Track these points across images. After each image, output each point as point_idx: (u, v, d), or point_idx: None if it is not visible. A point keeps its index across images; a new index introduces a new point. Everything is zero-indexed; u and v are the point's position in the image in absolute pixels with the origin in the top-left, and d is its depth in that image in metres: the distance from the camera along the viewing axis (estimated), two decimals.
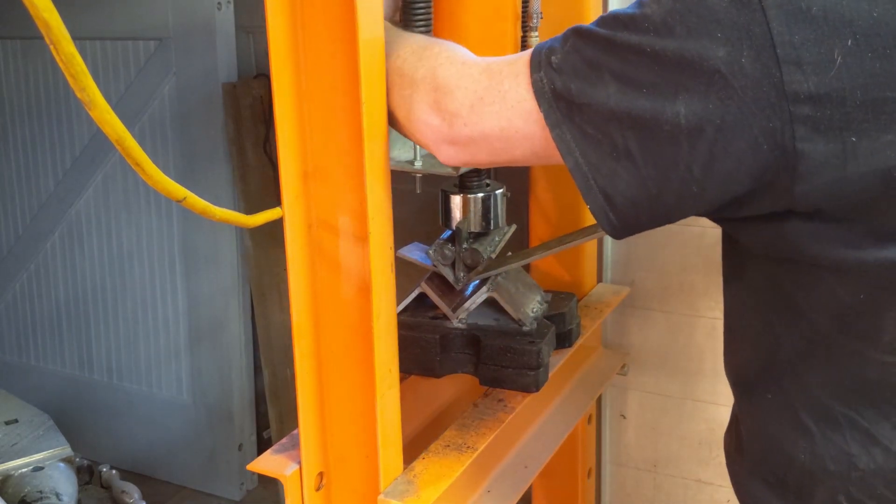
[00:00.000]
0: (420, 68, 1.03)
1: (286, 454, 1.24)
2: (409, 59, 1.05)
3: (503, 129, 0.94)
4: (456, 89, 0.97)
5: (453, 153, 1.01)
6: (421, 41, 1.08)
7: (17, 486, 2.07)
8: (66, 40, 0.71)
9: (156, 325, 2.90)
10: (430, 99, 1.00)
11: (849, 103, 0.74)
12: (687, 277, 1.92)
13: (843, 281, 0.82)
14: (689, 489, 2.01)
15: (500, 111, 0.93)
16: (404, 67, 1.05)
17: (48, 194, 3.02)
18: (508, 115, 0.92)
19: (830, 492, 0.90)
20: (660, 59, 0.79)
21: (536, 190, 1.85)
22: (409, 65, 1.04)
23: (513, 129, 0.93)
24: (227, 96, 2.60)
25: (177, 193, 0.86)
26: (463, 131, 0.97)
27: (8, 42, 2.97)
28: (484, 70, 0.96)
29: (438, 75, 1.00)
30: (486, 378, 1.44)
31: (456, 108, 0.97)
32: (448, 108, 0.98)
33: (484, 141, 0.96)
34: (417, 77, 1.02)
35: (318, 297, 1.17)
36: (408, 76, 1.04)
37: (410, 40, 1.09)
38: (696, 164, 0.80)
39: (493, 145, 0.96)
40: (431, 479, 1.22)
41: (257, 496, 2.90)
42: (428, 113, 1.00)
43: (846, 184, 0.76)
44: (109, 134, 0.76)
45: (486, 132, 0.95)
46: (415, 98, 1.02)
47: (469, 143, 0.98)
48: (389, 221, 1.13)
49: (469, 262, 1.44)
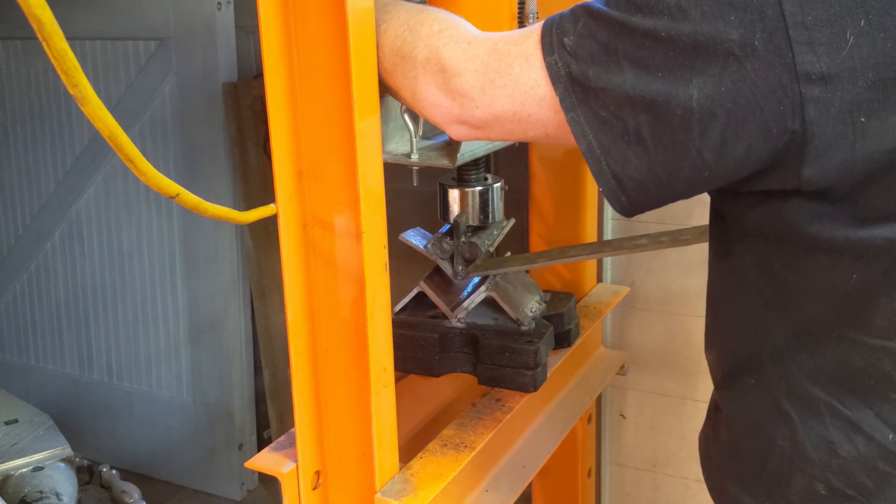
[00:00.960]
0: (421, 48, 1.01)
1: (284, 452, 1.24)
2: (406, 36, 1.03)
3: (516, 113, 0.93)
4: (465, 71, 0.96)
5: (464, 132, 1.01)
6: (412, 11, 1.06)
7: (17, 486, 2.06)
8: (59, 36, 0.71)
9: (156, 325, 2.90)
10: (438, 80, 0.99)
11: (860, 84, 0.73)
12: (687, 278, 1.92)
13: (838, 263, 0.82)
14: (688, 489, 2.00)
15: (512, 94, 0.92)
16: (403, 47, 1.03)
17: (48, 194, 3.02)
18: (521, 100, 0.92)
19: (808, 480, 0.89)
20: (675, 43, 0.78)
21: (535, 184, 1.84)
22: (408, 44, 1.03)
23: (525, 112, 0.92)
24: (227, 96, 2.60)
25: (169, 190, 0.86)
26: (475, 113, 0.96)
27: (8, 42, 2.98)
28: (491, 50, 0.95)
29: (444, 56, 0.98)
30: (484, 377, 1.44)
31: (466, 89, 0.96)
32: (457, 89, 0.97)
33: (496, 122, 0.96)
34: (420, 57, 1.01)
35: (313, 296, 1.17)
36: (408, 56, 1.02)
37: (401, 12, 1.07)
38: (707, 149, 0.80)
39: (504, 126, 0.96)
40: (429, 478, 1.21)
41: (258, 496, 2.90)
42: (436, 94, 0.99)
43: (854, 164, 0.76)
44: (102, 130, 0.76)
45: (497, 114, 0.95)
46: (420, 79, 1.01)
47: (481, 124, 0.98)
48: (383, 219, 1.13)
49: (467, 255, 1.44)
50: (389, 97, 1.15)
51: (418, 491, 1.18)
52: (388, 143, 1.33)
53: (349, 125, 1.06)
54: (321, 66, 1.07)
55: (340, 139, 1.08)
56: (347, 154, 1.08)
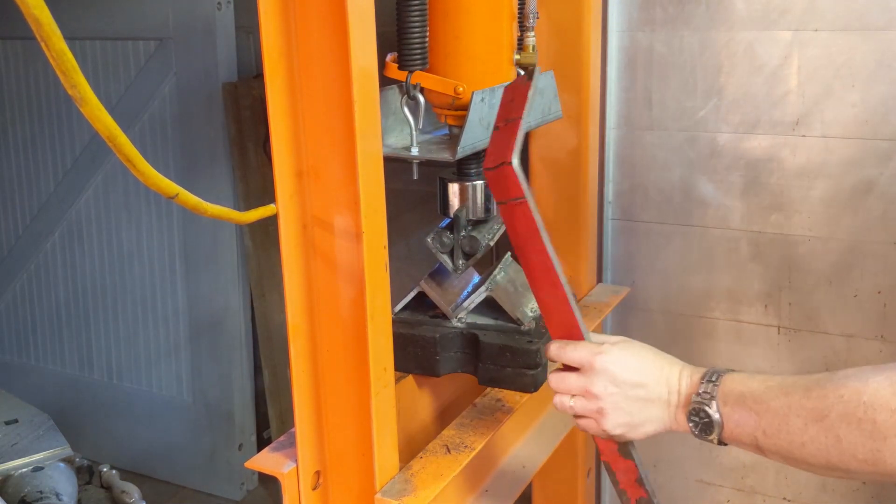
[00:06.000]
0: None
1: (284, 452, 1.24)
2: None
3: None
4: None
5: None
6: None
7: (17, 486, 2.06)
8: (57, 37, 0.71)
9: (156, 325, 2.90)
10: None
11: None
12: (687, 278, 1.92)
13: None
14: (689, 489, 2.00)
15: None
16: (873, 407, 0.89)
17: (48, 194, 3.02)
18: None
19: None
20: None
21: (535, 184, 1.84)
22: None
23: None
24: (227, 96, 2.60)
25: (168, 190, 0.86)
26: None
27: (8, 42, 2.98)
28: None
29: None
30: (484, 377, 1.43)
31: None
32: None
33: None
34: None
35: (313, 296, 1.17)
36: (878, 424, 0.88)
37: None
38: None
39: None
40: (429, 478, 1.21)
41: (257, 496, 2.90)
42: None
43: None
44: (100, 130, 0.76)
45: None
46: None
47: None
48: (383, 219, 1.13)
49: (468, 249, 1.44)
50: (388, 91, 1.15)
51: (418, 491, 1.18)
52: (387, 137, 1.33)
53: (349, 125, 1.06)
54: (321, 66, 1.07)
55: (340, 139, 1.08)
56: (347, 154, 1.08)
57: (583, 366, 1.07)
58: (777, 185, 1.79)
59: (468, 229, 1.45)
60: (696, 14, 1.79)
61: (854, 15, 1.66)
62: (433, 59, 1.37)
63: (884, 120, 1.67)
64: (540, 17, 1.46)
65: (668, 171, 1.88)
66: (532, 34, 1.43)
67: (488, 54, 1.38)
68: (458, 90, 1.34)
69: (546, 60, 1.55)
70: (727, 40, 1.78)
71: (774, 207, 1.80)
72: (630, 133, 1.91)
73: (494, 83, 1.36)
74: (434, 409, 1.57)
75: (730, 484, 1.95)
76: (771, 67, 1.75)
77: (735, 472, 1.94)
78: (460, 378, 1.50)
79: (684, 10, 1.80)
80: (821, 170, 1.75)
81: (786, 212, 1.79)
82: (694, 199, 1.88)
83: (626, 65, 1.88)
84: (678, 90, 1.84)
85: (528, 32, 1.43)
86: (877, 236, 1.73)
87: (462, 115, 1.33)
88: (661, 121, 1.87)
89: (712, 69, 1.80)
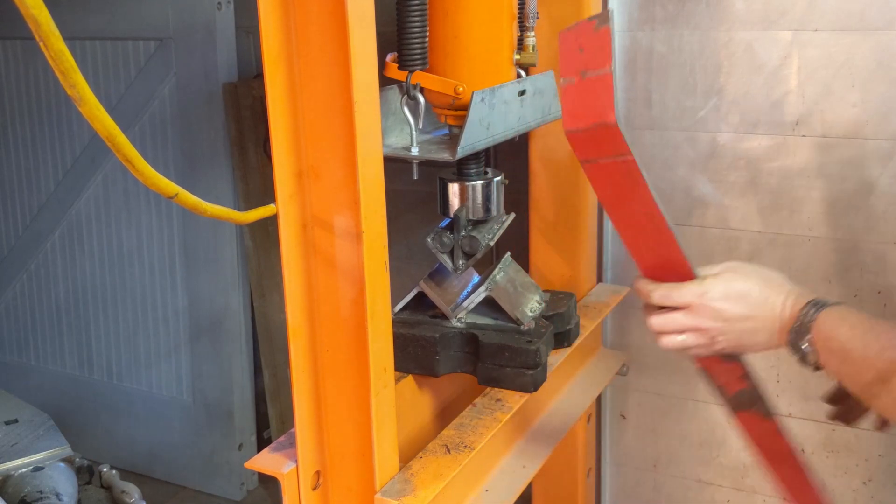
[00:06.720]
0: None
1: (284, 452, 1.24)
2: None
3: None
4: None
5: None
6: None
7: (17, 486, 2.06)
8: (56, 37, 0.71)
9: (156, 325, 2.90)
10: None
11: None
12: None
13: None
14: (689, 489, 2.00)
15: None
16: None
17: (48, 194, 3.02)
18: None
19: None
20: None
21: (535, 184, 1.84)
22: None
23: None
24: (227, 96, 2.60)
25: (168, 190, 0.86)
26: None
27: (8, 42, 2.98)
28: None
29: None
30: (484, 377, 1.43)
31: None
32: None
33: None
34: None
35: (313, 296, 1.17)
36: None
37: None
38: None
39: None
40: (428, 478, 1.21)
41: (257, 496, 2.90)
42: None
43: None
44: (99, 130, 0.76)
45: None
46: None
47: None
48: (383, 219, 1.13)
49: (467, 249, 1.44)
50: (388, 91, 1.15)
51: (418, 491, 1.18)
52: (387, 137, 1.33)
53: (349, 125, 1.06)
54: (321, 66, 1.07)
55: (340, 139, 1.08)
56: (347, 154, 1.07)
57: (690, 306, 1.11)
58: (777, 185, 1.79)
59: (468, 229, 1.45)
60: (697, 13, 1.79)
61: (854, 15, 1.66)
62: (433, 59, 1.37)
63: (884, 120, 1.67)
64: (540, 17, 1.46)
65: (667, 170, 1.88)
66: (532, 34, 1.43)
67: (488, 54, 1.38)
68: (458, 90, 1.34)
69: (546, 60, 1.55)
70: (727, 40, 1.78)
71: (774, 207, 1.80)
72: (630, 133, 1.89)
73: (494, 83, 1.36)
74: (434, 409, 1.57)
75: (730, 484, 1.95)
76: (771, 67, 1.75)
77: (735, 472, 1.94)
78: (460, 378, 1.50)
79: (684, 10, 1.80)
80: (821, 170, 1.75)
81: (786, 212, 1.79)
82: (694, 199, 1.88)
83: (626, 64, 1.88)
84: (678, 90, 1.84)
85: (528, 32, 1.43)
86: (877, 236, 1.73)
87: (462, 115, 1.33)
88: (660, 120, 1.87)
89: (712, 69, 1.80)
